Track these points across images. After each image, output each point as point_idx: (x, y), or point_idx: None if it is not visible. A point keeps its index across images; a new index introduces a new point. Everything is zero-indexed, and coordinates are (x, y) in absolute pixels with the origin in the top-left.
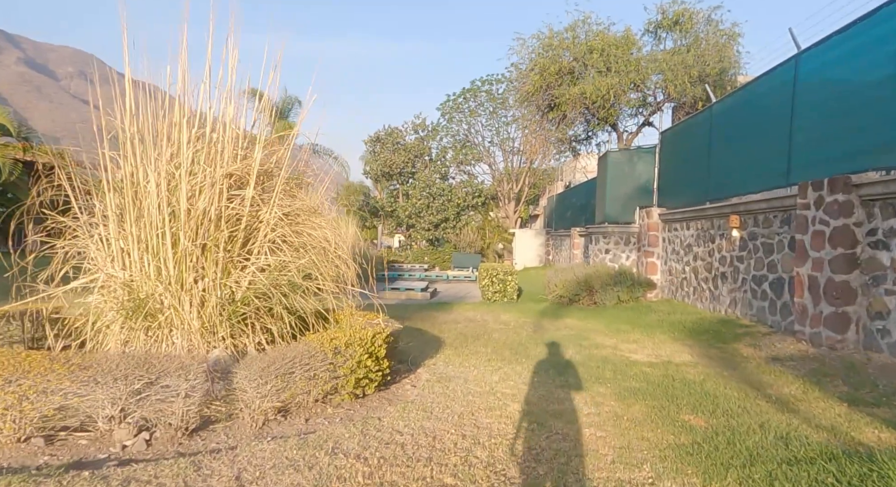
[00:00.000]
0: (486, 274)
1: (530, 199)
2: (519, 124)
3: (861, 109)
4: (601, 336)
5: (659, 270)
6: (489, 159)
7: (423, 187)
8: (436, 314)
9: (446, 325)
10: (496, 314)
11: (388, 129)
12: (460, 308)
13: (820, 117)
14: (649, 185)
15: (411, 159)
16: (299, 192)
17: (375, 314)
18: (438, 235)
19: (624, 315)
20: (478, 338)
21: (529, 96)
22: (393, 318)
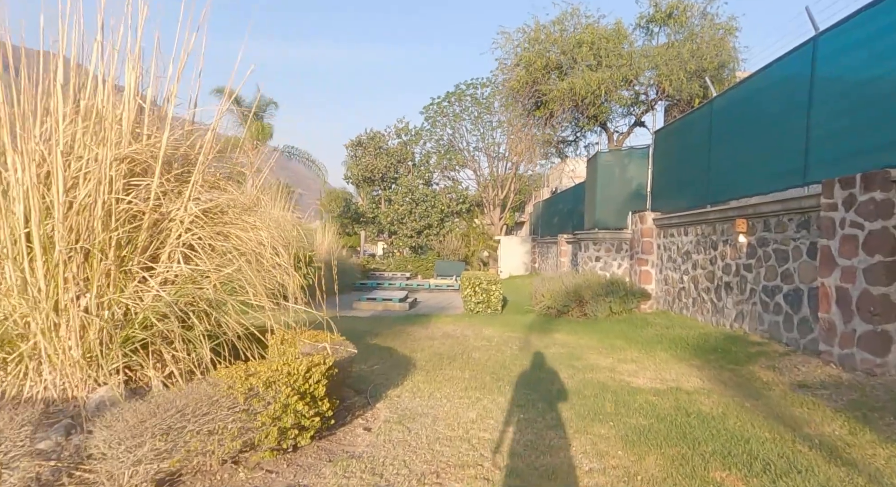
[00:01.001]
0: (469, 283)
1: (516, 206)
2: (504, 127)
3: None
4: (595, 355)
5: (654, 279)
6: (474, 165)
7: (405, 192)
8: (411, 328)
9: (421, 342)
10: (478, 328)
11: (371, 133)
12: (439, 321)
13: (846, 106)
14: (642, 188)
15: (394, 164)
16: (230, 185)
17: (328, 333)
18: (421, 242)
19: (618, 329)
20: (455, 359)
21: (514, 93)
22: (361, 334)
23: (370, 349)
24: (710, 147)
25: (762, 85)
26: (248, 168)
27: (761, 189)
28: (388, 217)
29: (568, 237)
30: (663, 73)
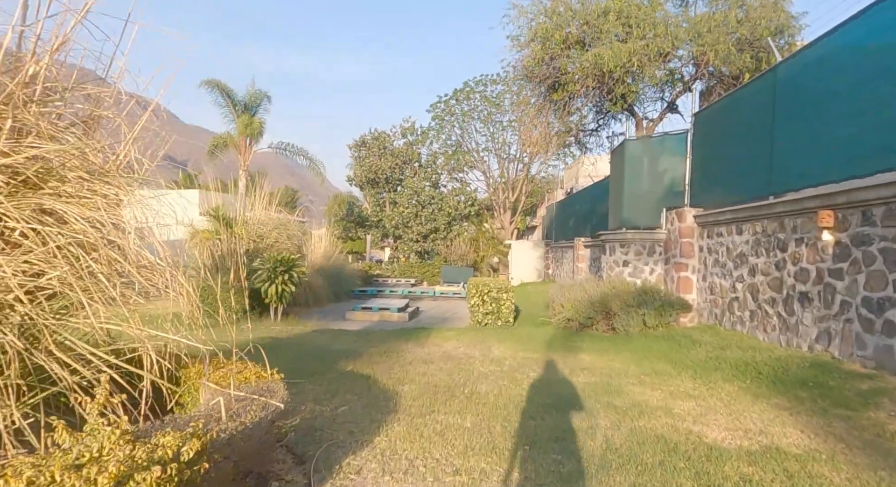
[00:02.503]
0: (477, 291)
1: (527, 209)
2: (515, 125)
3: None
4: (638, 386)
5: (695, 287)
6: (483, 166)
7: (410, 194)
8: (405, 345)
9: (413, 367)
10: (486, 345)
11: (375, 132)
12: (441, 336)
13: None
14: (679, 181)
15: (399, 165)
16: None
17: (261, 369)
18: (428, 247)
19: (657, 348)
20: (454, 394)
21: (528, 72)
22: (336, 356)
23: (341, 381)
24: (774, 125)
25: (859, 36)
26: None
27: (857, 171)
28: (393, 221)
29: (586, 241)
30: (707, 42)
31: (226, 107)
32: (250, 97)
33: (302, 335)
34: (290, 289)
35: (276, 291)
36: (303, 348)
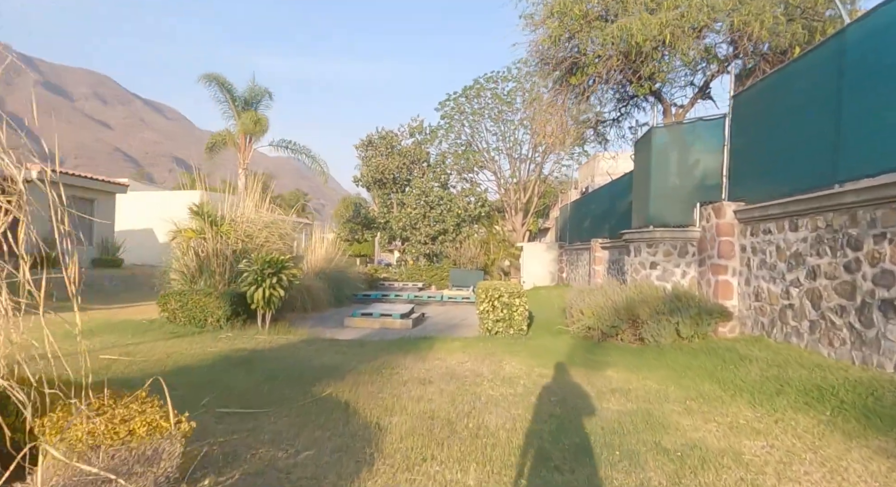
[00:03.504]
0: (486, 296)
1: (540, 210)
2: (527, 111)
3: None
4: (686, 416)
5: (735, 292)
6: (494, 167)
7: (419, 194)
8: (402, 360)
9: (407, 390)
10: (497, 359)
11: (382, 132)
12: (445, 348)
13: None
14: (715, 172)
15: (407, 165)
16: None
17: (151, 400)
18: (436, 249)
19: (697, 364)
20: (455, 431)
21: (544, 54)
22: (317, 374)
23: (314, 410)
24: (841, 99)
25: None
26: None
27: None
28: (400, 222)
29: (603, 242)
30: (751, 11)
31: (225, 102)
32: (250, 93)
33: (286, 346)
34: (279, 293)
35: (262, 295)
36: (281, 363)
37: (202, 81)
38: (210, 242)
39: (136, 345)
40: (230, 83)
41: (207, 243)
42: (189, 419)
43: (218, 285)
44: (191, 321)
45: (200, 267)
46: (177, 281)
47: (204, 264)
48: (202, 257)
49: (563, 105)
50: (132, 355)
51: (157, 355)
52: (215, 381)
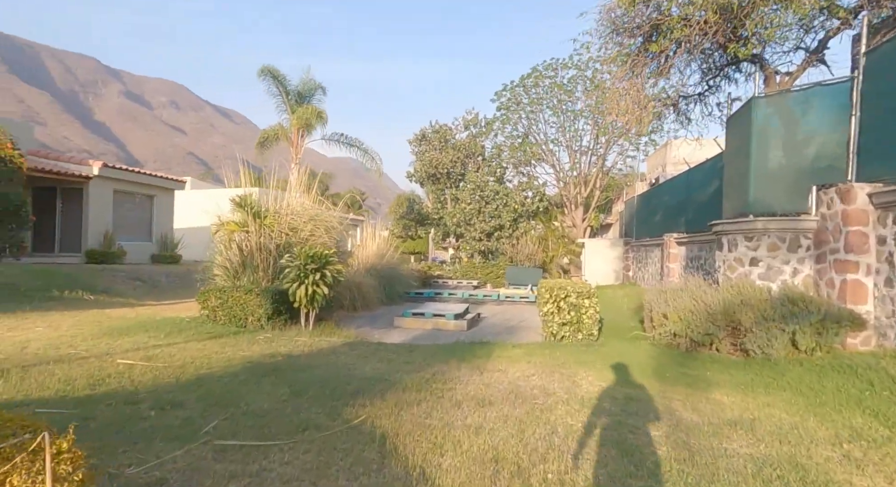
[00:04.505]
0: (551, 296)
1: (601, 205)
2: (588, 99)
3: None
4: (854, 469)
5: (871, 295)
6: (552, 159)
7: (473, 189)
8: (457, 370)
9: (462, 414)
10: (569, 371)
11: (436, 125)
12: (506, 356)
13: None
14: (836, 148)
15: (461, 159)
16: None
17: None
18: (492, 246)
19: (832, 386)
20: (529, 486)
21: (618, 20)
22: (355, 388)
23: (340, 445)
24: None
25: None
26: None
27: None
28: (454, 218)
29: (679, 237)
30: None
31: (279, 96)
32: (304, 86)
33: (326, 350)
34: (323, 291)
35: (305, 293)
36: (315, 373)
37: (259, 75)
38: (253, 235)
39: (165, 347)
40: (284, 76)
41: (250, 237)
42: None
43: (261, 281)
44: (231, 319)
45: (243, 262)
46: (220, 277)
47: (247, 258)
48: (245, 252)
49: (641, 78)
50: (154, 359)
51: (181, 360)
52: (232, 396)
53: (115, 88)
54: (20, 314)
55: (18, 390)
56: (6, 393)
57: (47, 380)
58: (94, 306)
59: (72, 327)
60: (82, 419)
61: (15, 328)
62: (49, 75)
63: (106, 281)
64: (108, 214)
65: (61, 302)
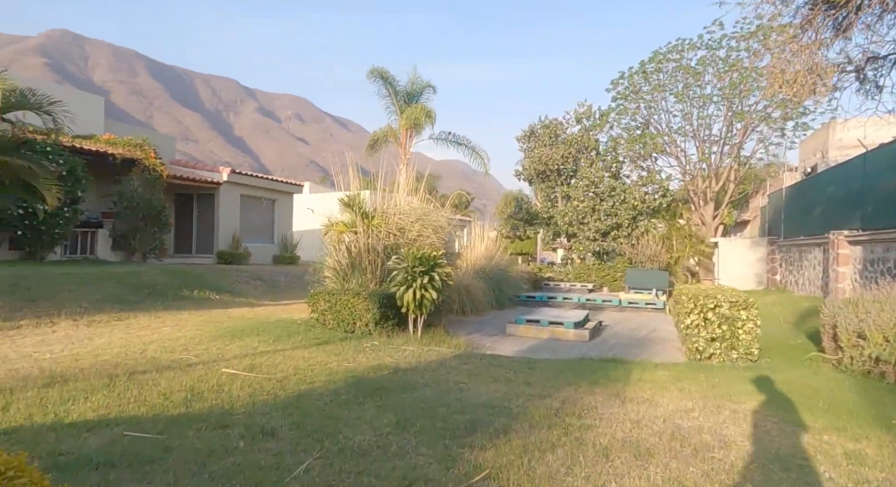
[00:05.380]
0: (695, 305)
1: (736, 199)
2: (721, 71)
3: None
4: None
5: None
6: (676, 151)
7: (587, 185)
8: (590, 396)
9: (616, 472)
10: (742, 411)
11: (545, 121)
12: (648, 380)
13: None
14: None
15: (573, 154)
16: None
17: None
18: (607, 246)
19: None
20: None
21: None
22: (470, 419)
23: None
24: None
25: None
26: None
27: None
28: (566, 217)
29: (853, 235)
30: None
31: (388, 97)
32: (412, 86)
33: (436, 364)
34: (432, 296)
35: (413, 297)
36: (422, 395)
37: (369, 76)
38: (361, 236)
39: (271, 354)
40: (393, 77)
41: (359, 238)
42: None
43: (369, 284)
44: (339, 324)
45: (352, 264)
46: (330, 279)
47: (355, 260)
48: (353, 253)
49: (818, 39)
50: (257, 369)
51: (285, 370)
52: (331, 424)
53: (250, 106)
54: (154, 312)
55: (117, 404)
56: (102, 408)
57: (148, 392)
58: (218, 305)
59: (195, 327)
60: (164, 451)
61: (147, 327)
62: (199, 98)
63: (231, 281)
64: (236, 217)
65: (191, 301)
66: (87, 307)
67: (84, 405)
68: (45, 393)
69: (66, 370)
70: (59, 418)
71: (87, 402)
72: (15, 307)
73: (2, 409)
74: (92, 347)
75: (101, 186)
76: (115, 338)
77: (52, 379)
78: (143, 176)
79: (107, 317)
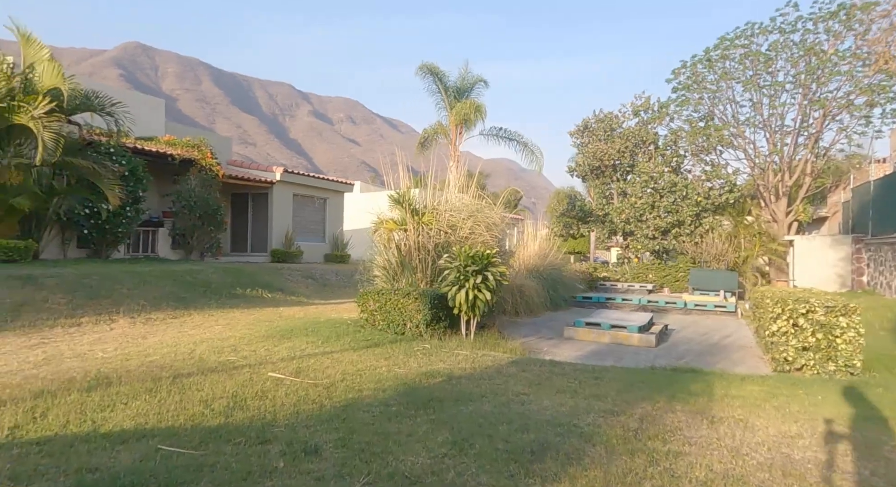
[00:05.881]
0: (782, 310)
1: (813, 194)
2: (795, 58)
3: None
4: None
5: None
6: (743, 144)
7: (646, 181)
8: (671, 413)
9: None
10: (865, 440)
11: (600, 114)
12: (735, 395)
13: None
14: None
15: (629, 149)
16: None
17: None
18: (668, 244)
19: None
20: None
21: None
22: (534, 436)
23: None
24: None
25: None
26: None
27: None
28: (623, 214)
29: None
30: None
31: (438, 94)
32: (462, 81)
33: (491, 371)
34: (485, 297)
35: (465, 298)
36: (480, 409)
37: (418, 72)
38: (411, 233)
39: (320, 357)
40: (443, 72)
41: (409, 235)
42: None
43: (419, 283)
44: (389, 324)
45: (401, 263)
46: (380, 278)
47: (405, 259)
48: (403, 252)
49: None
50: (304, 373)
51: (331, 376)
52: (379, 442)
53: (305, 109)
54: (207, 311)
55: (157, 411)
56: (141, 416)
57: (189, 399)
58: (270, 304)
59: (245, 326)
60: (197, 470)
61: (199, 326)
62: (257, 103)
63: (283, 279)
64: (289, 216)
65: (243, 300)
66: (145, 304)
67: (123, 412)
68: (86, 398)
69: (113, 371)
70: (96, 426)
71: (127, 409)
72: (77, 304)
73: (40, 415)
74: (144, 346)
75: (162, 186)
76: (167, 337)
77: (98, 382)
78: (200, 176)
79: (163, 315)
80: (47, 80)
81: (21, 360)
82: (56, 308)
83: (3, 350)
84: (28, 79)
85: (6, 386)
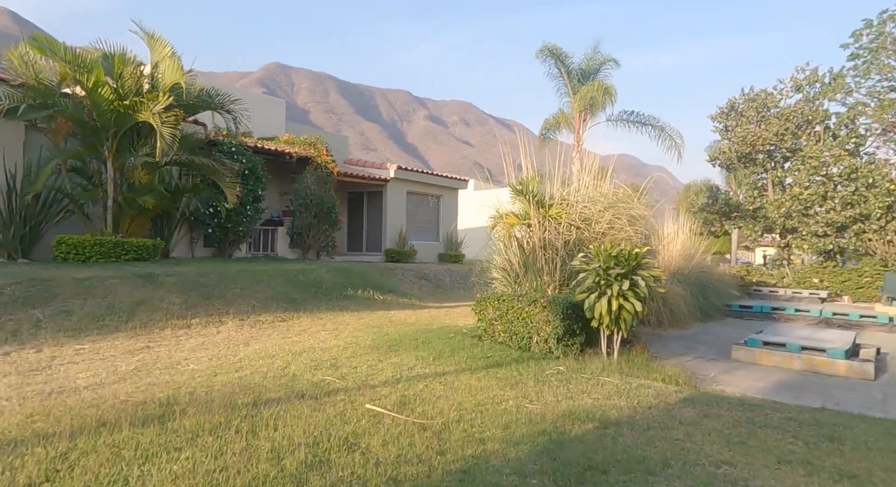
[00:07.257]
0: None
1: None
2: None
3: None
4: None
5: None
6: None
7: (815, 168)
8: None
9: None
10: None
11: (751, 93)
12: None
13: None
14: None
15: (790, 131)
16: None
17: None
18: (846, 243)
19: None
20: None
21: None
22: None
23: None
24: None
25: None
26: None
27: None
28: (782, 207)
29: None
30: None
31: (559, 78)
32: (587, 62)
33: (660, 414)
34: (633, 307)
35: (607, 308)
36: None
37: (538, 55)
38: (536, 229)
39: (431, 379)
40: (566, 54)
41: (533, 232)
42: None
43: (546, 288)
44: (512, 337)
45: (524, 263)
46: (498, 280)
47: (528, 259)
48: (526, 251)
49: None
50: (410, 404)
51: (446, 410)
52: None
53: (421, 114)
54: (316, 313)
55: (208, 470)
56: (186, 477)
57: (256, 449)
58: (380, 306)
59: (352, 333)
60: None
61: (305, 331)
62: (378, 110)
63: (395, 280)
64: (402, 214)
65: (353, 301)
66: (256, 305)
67: (167, 466)
68: (137, 436)
69: (192, 391)
70: None
71: (173, 462)
72: (191, 303)
73: (67, 467)
74: (240, 356)
75: (281, 185)
76: (269, 344)
77: (164, 409)
78: (316, 173)
79: (271, 317)
80: (168, 76)
81: (111, 370)
82: (170, 308)
83: (105, 355)
84: (154, 77)
85: (65, 412)
